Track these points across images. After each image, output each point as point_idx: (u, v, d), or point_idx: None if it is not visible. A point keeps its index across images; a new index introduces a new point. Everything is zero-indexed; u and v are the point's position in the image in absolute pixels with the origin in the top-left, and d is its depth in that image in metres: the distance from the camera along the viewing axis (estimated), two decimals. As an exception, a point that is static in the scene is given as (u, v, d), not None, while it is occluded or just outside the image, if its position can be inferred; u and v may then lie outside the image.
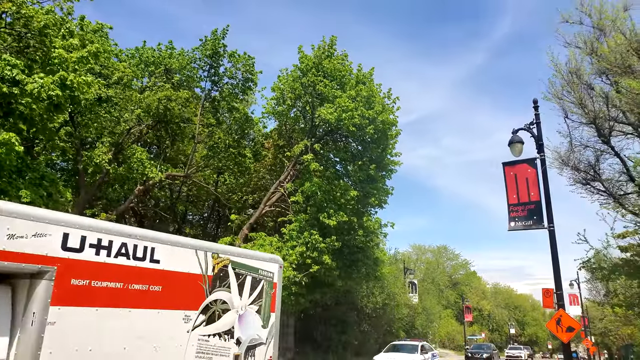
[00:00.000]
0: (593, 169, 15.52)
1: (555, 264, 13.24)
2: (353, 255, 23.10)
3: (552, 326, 12.88)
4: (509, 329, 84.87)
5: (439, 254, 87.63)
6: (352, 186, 22.87)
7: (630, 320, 29.15)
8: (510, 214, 14.25)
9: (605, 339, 62.51)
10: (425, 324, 43.74)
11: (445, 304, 79.25)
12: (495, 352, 35.67)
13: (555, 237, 13.38)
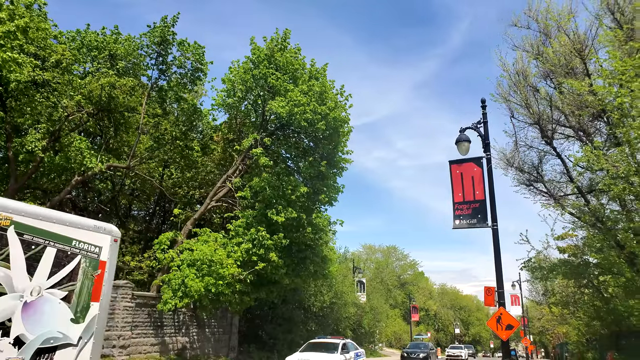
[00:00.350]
0: (536, 170, 15.88)
1: (497, 263, 13.37)
2: (301, 252, 22.73)
3: (492, 324, 12.99)
4: (454, 328, 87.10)
5: (388, 254, 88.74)
6: (303, 182, 22.51)
7: (566, 320, 30.32)
8: (455, 212, 14.30)
9: (543, 337, 65.28)
10: (373, 323, 44.00)
11: (393, 304, 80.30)
12: (433, 352, 34.16)
13: (498, 235, 13.53)
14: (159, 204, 30.02)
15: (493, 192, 13.79)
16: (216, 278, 19.12)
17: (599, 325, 17.11)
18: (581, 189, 13.67)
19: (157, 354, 20.25)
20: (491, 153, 14.38)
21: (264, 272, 20.74)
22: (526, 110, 13.55)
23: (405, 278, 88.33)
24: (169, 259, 19.81)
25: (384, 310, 51.08)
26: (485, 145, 14.10)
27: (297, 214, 21.05)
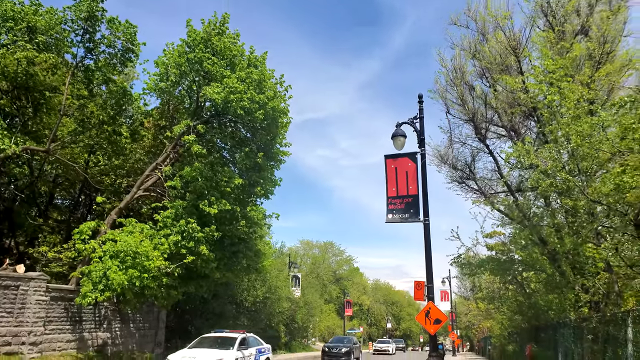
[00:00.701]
0: (469, 168, 16.17)
1: (427, 258, 13.44)
2: (234, 246, 22.05)
3: (421, 318, 13.03)
4: (386, 323, 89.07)
5: (325, 250, 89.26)
6: (238, 174, 21.82)
7: (491, 314, 31.59)
8: (388, 206, 14.24)
9: (469, 332, 68.19)
10: (306, 318, 43.93)
11: (328, 299, 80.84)
12: (357, 346, 31.73)
13: (430, 230, 13.59)
14: (84, 192, 28.19)
15: (426, 188, 13.87)
16: (141, 271, 18.10)
17: (521, 319, 17.76)
18: (510, 187, 14.02)
19: (73, 351, 18.92)
20: (426, 149, 14.47)
21: (193, 265, 19.91)
22: (461, 107, 13.75)
23: (341, 273, 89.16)
24: (90, 250, 18.53)
25: (318, 305, 51.17)
26: (420, 140, 14.14)
27: (231, 206, 20.36)
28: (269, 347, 19.43)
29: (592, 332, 8.60)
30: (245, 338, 17.46)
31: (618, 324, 7.73)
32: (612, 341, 7.79)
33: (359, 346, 32.76)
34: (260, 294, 31.13)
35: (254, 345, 18.03)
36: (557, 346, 11.39)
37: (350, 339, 32.11)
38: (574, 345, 10.13)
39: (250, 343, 17.87)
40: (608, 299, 9.89)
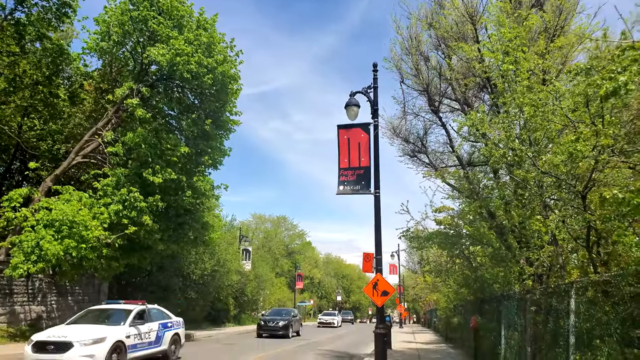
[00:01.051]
0: (421, 142, 16.02)
1: (377, 229, 13.24)
2: (180, 217, 21.24)
3: (369, 290, 12.88)
4: (336, 296, 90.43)
5: (278, 224, 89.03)
6: (184, 142, 20.88)
7: (437, 288, 32.32)
8: (340, 177, 13.90)
9: (416, 305, 70.19)
10: (256, 291, 43.65)
11: (280, 272, 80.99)
12: (297, 319, 29.14)
13: (380, 203, 13.37)
14: (19, 158, 26.31)
15: (378, 160, 13.59)
16: (78, 241, 17.10)
17: (466, 292, 18.06)
18: (461, 160, 13.97)
19: (3, 325, 17.79)
20: (379, 122, 14.15)
21: (135, 236, 19.03)
22: (416, 77, 13.46)
23: (293, 247, 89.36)
24: (21, 219, 17.29)
25: (269, 279, 50.98)
26: (373, 111, 13.79)
27: (177, 175, 19.50)
28: (179, 320, 15.60)
29: (536, 303, 8.61)
30: (144, 310, 13.84)
31: (561, 295, 7.70)
32: (555, 312, 7.76)
33: (299, 319, 30.13)
34: (209, 267, 30.45)
35: (157, 319, 14.34)
36: (501, 318, 11.50)
37: (289, 311, 29.18)
38: (517, 317, 10.19)
39: (152, 316, 14.13)
40: (552, 271, 9.97)
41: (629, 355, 5.55)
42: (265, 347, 19.55)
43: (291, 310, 29.94)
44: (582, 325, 6.83)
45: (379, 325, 12.53)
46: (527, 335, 9.22)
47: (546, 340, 8.11)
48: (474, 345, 15.00)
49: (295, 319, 28.34)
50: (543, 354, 8.15)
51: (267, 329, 26.39)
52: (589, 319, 6.75)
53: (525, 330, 9.35)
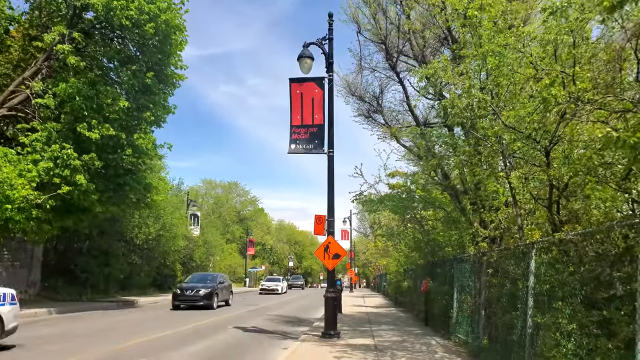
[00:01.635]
0: (377, 101, 15.36)
1: (330, 190, 12.60)
2: (119, 177, 19.81)
3: (320, 253, 12.33)
4: (288, 262, 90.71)
5: (229, 190, 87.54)
6: (124, 96, 19.28)
7: (388, 252, 32.49)
8: (292, 135, 13.08)
9: (366, 270, 71.40)
10: (205, 257, 42.64)
11: (231, 238, 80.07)
12: (225, 285, 24.35)
13: (333, 163, 12.70)
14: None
15: (332, 118, 12.85)
16: (3, 201, 15.56)
17: (417, 256, 17.91)
18: (417, 119, 13.46)
19: None
20: (334, 79, 13.32)
21: (70, 197, 17.56)
22: (374, 28, 12.67)
23: (245, 214, 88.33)
24: None
25: (219, 244, 49.97)
26: (328, 65, 12.93)
27: (116, 131, 18.03)
28: (11, 293, 9.88)
29: (492, 266, 8.22)
30: None
31: (520, 257, 7.30)
32: (512, 275, 7.37)
33: (228, 285, 25.24)
34: (153, 232, 29.13)
35: None
36: (453, 281, 11.25)
37: (215, 277, 24.25)
38: (470, 280, 9.87)
39: None
40: (508, 233, 9.66)
41: (593, 317, 5.17)
42: (187, 320, 16.04)
43: (218, 276, 24.74)
44: (542, 287, 6.47)
45: (329, 289, 12.05)
46: (481, 298, 8.92)
47: (502, 303, 7.78)
48: (425, 309, 14.88)
49: (222, 287, 23.60)
50: (498, 317, 7.83)
51: (185, 299, 21.37)
52: (549, 281, 6.38)
53: (480, 294, 9.04)
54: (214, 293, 21.93)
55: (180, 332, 13.19)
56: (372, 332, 12.97)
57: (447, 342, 10.87)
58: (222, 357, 9.58)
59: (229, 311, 21.10)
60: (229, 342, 11.63)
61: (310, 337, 11.77)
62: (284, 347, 10.72)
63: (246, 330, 14.12)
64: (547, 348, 5.77)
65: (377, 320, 16.99)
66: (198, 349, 10.43)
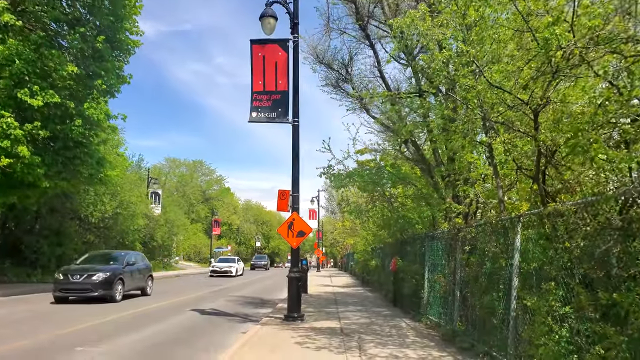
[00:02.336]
0: (346, 69, 14.40)
1: (295, 163, 11.65)
2: (69, 150, 18.30)
3: (283, 230, 11.42)
4: (255, 242, 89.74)
5: (194, 169, 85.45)
6: (73, 62, 17.69)
7: (355, 232, 31.95)
8: (253, 102, 11.98)
9: (334, 249, 71.20)
10: (168, 237, 41.12)
11: (196, 218, 78.40)
12: (137, 268, 17.39)
13: (299, 133, 11.73)
14: None
15: (297, 83, 11.83)
16: None
17: (386, 234, 17.27)
18: (389, 87, 12.57)
19: None
20: (300, 46, 12.28)
21: (11, 170, 16.05)
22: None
23: (211, 193, 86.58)
24: None
25: (182, 224, 48.41)
26: (293, 25, 11.85)
27: (63, 99, 16.54)
28: None
29: (469, 243, 7.50)
30: None
31: (501, 232, 6.56)
32: (493, 252, 6.64)
33: (144, 268, 18.20)
34: (110, 209, 27.56)
35: None
36: (425, 260, 10.54)
37: (118, 257, 17.26)
38: (444, 259, 9.16)
39: None
40: (486, 208, 8.98)
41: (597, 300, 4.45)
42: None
43: (126, 255, 17.61)
44: (529, 266, 5.76)
45: (293, 268, 11.20)
46: (456, 278, 8.23)
47: (480, 283, 7.08)
48: (394, 289, 14.26)
49: (131, 271, 16.75)
50: (476, 298, 7.14)
51: (70, 287, 15.01)
52: (537, 258, 5.66)
53: (454, 273, 8.35)
54: (114, 280, 15.29)
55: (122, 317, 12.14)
56: (339, 314, 12.24)
57: (418, 325, 10.22)
58: (175, 343, 8.64)
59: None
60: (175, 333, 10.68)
61: (272, 320, 10.94)
62: (243, 331, 9.88)
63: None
64: (535, 334, 5.07)
65: (344, 300, 16.33)
66: (145, 335, 9.44)
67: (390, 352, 7.13)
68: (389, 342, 8.00)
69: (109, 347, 8.06)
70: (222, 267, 35.09)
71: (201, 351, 7.96)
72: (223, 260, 37.83)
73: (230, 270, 34.60)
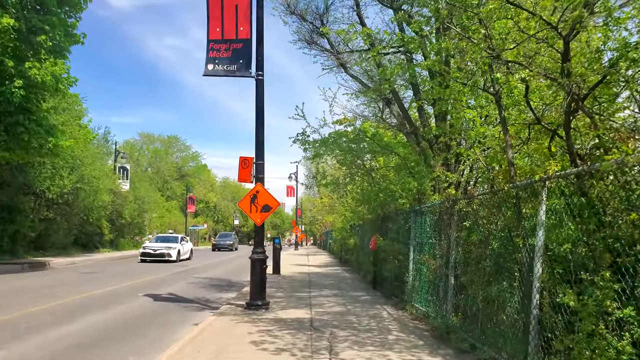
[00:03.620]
0: (321, 20, 12.55)
1: (259, 125, 9.88)
2: (10, 116, 16.24)
3: (245, 205, 9.71)
4: (233, 220, 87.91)
5: (169, 144, 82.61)
6: (9, 12, 15.46)
7: (334, 208, 30.44)
8: (209, 53, 10.10)
9: (313, 227, 69.86)
10: (137, 214, 38.99)
11: (171, 195, 76.11)
12: None
13: (263, 89, 9.97)
14: None
15: (262, 30, 10.02)
16: None
17: (365, 209, 15.71)
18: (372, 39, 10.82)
19: None
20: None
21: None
22: None
23: (187, 170, 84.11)
24: None
25: (154, 200, 46.12)
26: (258, -39, 10.00)
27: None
28: None
29: (468, 217, 5.91)
30: None
31: (514, 203, 4.96)
32: (503, 228, 5.05)
33: None
34: (69, 184, 25.39)
35: None
36: (409, 238, 9.00)
37: None
38: (433, 238, 7.58)
39: None
40: (485, 175, 7.42)
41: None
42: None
43: None
44: (559, 249, 4.20)
45: (257, 249, 9.54)
46: (450, 261, 6.68)
47: (484, 268, 5.53)
48: (373, 270, 12.75)
49: None
50: (478, 287, 5.59)
51: None
52: (572, 237, 4.11)
53: (448, 255, 6.80)
54: None
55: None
56: (311, 300, 10.69)
57: (402, 314, 8.72)
58: (102, 341, 6.97)
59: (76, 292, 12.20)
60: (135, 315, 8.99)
61: (232, 309, 9.33)
62: (196, 323, 8.28)
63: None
64: (579, 347, 3.52)
65: (319, 282, 14.82)
66: (75, 329, 7.75)
67: (369, 358, 5.57)
68: (367, 341, 6.44)
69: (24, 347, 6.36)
70: (157, 249, 25.36)
71: (128, 354, 6.30)
72: (162, 239, 28.44)
73: (169, 253, 24.92)
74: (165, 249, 25.28)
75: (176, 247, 26.05)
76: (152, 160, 75.13)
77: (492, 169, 6.64)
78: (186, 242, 29.11)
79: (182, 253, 26.60)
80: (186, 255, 27.54)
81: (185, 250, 27.66)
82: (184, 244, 27.93)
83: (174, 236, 30.46)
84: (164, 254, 24.94)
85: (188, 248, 28.50)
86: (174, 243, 26.94)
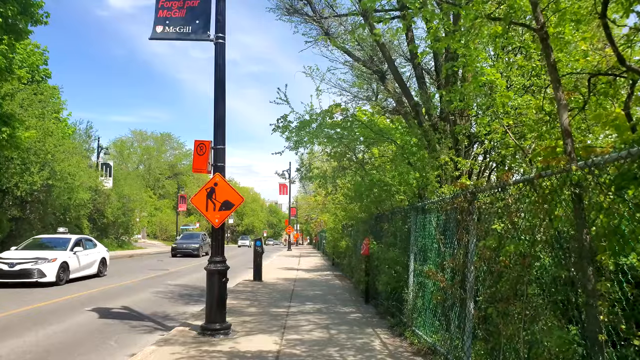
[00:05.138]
0: (302, -20, 10.53)
1: (218, 99, 7.92)
2: (-47, 101, 14.22)
3: (200, 201, 7.64)
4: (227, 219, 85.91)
5: (162, 142, 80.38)
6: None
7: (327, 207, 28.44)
8: (158, 12, 8.06)
9: (308, 226, 67.82)
10: (122, 213, 36.79)
11: (164, 194, 74.19)
12: None
13: (225, 56, 7.96)
14: None
15: (224, -17, 8.06)
16: None
17: (358, 207, 13.70)
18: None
19: None
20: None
21: None
22: None
23: (180, 168, 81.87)
24: None
25: (141, 198, 43.83)
26: None
27: None
28: None
29: (498, 215, 3.87)
30: None
31: (577, 193, 2.88)
32: (557, 235, 3.00)
33: None
34: (39, 180, 23.30)
35: None
36: (409, 243, 6.99)
37: None
38: (442, 244, 5.54)
39: None
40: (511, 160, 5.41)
41: None
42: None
43: None
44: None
45: (214, 257, 7.52)
46: (468, 278, 4.67)
47: (520, 292, 3.51)
48: (366, 280, 10.71)
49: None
50: (512, 323, 3.58)
51: None
52: None
53: (464, 271, 4.79)
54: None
55: None
56: (287, 320, 8.66)
57: (400, 344, 6.68)
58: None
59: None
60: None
61: (183, 334, 7.32)
62: (132, 354, 6.32)
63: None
64: None
65: (303, 293, 12.78)
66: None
67: None
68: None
69: None
70: (18, 259, 14.17)
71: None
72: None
73: (35, 271, 13.81)
74: (36, 261, 14.07)
75: (61, 255, 14.72)
76: (143, 157, 73.01)
77: (524, 150, 4.62)
78: (94, 247, 17.13)
79: (71, 268, 15.00)
80: (85, 271, 15.94)
81: (84, 264, 15.87)
82: (93, 249, 16.84)
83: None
84: (32, 271, 13.83)
85: (93, 257, 16.57)
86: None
